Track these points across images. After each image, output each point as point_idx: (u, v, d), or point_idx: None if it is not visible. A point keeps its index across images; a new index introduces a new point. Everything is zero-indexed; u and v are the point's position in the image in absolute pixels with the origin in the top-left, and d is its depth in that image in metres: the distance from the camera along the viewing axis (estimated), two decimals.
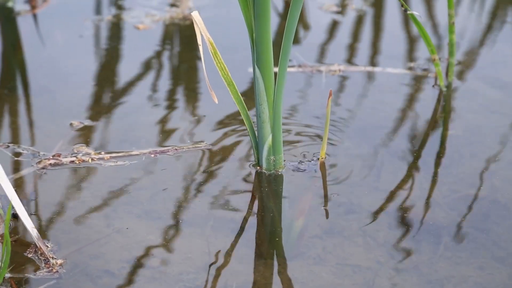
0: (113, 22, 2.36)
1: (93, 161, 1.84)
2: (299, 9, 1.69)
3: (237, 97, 1.76)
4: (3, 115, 1.99)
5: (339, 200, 1.76)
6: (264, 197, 1.77)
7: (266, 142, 1.78)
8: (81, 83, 2.10)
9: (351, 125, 1.98)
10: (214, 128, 1.95)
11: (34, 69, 2.16)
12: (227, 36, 2.30)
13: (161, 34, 2.31)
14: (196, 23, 1.69)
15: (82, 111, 2.00)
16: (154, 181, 1.79)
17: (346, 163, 1.85)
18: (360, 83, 2.13)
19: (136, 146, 1.89)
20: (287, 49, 1.72)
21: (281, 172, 1.82)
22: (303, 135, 1.94)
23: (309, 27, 2.37)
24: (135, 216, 1.71)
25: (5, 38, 2.31)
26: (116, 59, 2.21)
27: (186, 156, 1.87)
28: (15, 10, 2.39)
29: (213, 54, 1.73)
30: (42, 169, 1.81)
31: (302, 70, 2.17)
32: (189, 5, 2.44)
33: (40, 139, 1.90)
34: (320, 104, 2.04)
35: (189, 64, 2.19)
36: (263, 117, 1.76)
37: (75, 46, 2.26)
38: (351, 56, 2.24)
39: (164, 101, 2.05)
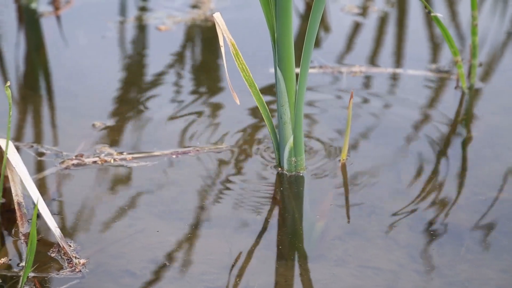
0: (135, 24, 2.37)
1: (115, 161, 1.85)
2: (321, 11, 1.69)
3: (259, 98, 1.76)
4: (27, 115, 2.00)
5: (361, 201, 1.76)
6: (285, 198, 1.77)
7: (288, 143, 1.78)
8: (103, 84, 2.11)
9: (373, 127, 1.98)
10: (235, 129, 1.96)
11: (57, 70, 2.18)
12: (248, 37, 2.30)
13: (182, 35, 2.32)
14: (218, 25, 1.70)
15: (105, 111, 2.00)
16: (176, 182, 1.80)
17: (367, 165, 1.85)
18: (382, 85, 2.13)
19: (158, 146, 1.90)
20: (309, 51, 1.72)
21: (302, 173, 1.82)
22: (324, 137, 1.94)
23: (330, 28, 2.37)
24: (156, 216, 1.71)
25: (28, 39, 2.32)
26: (138, 60, 2.22)
27: (207, 157, 1.87)
28: (39, 12, 2.40)
29: (235, 55, 1.73)
30: (65, 169, 1.82)
31: (323, 71, 2.17)
32: (210, 6, 2.44)
33: (63, 140, 1.91)
34: (340, 105, 2.04)
35: (210, 66, 2.20)
36: (285, 118, 1.76)
37: (98, 47, 2.27)
38: (373, 57, 2.24)
39: (186, 102, 2.05)
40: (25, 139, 1.91)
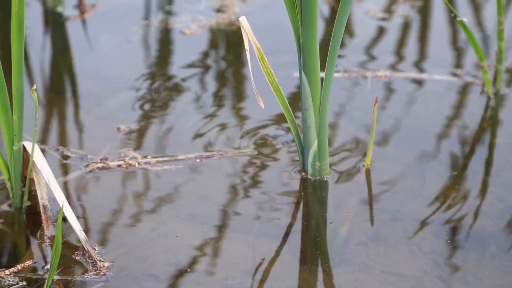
0: (160, 27, 2.38)
1: (139, 165, 1.85)
2: (346, 15, 1.69)
3: (283, 103, 1.76)
4: (52, 118, 2.01)
5: (384, 207, 1.75)
6: (309, 203, 1.77)
7: (312, 148, 1.78)
8: (128, 87, 2.12)
9: (397, 132, 1.97)
10: (259, 134, 1.96)
11: (82, 74, 2.19)
12: (272, 41, 2.30)
13: (207, 39, 2.32)
14: (244, 29, 1.70)
15: (129, 115, 2.01)
16: (199, 186, 1.80)
17: (392, 170, 1.85)
18: (406, 90, 2.12)
19: (182, 150, 1.90)
20: (334, 55, 1.71)
21: (326, 178, 1.81)
22: (349, 141, 1.94)
23: (354, 33, 2.37)
24: (180, 220, 1.72)
25: (54, 42, 2.34)
26: (162, 64, 2.22)
27: (231, 161, 1.87)
28: (64, 15, 2.42)
29: (260, 59, 1.73)
30: (89, 172, 1.83)
31: (348, 76, 2.17)
32: (235, 10, 2.45)
33: (88, 143, 1.92)
34: (365, 110, 2.04)
35: (235, 69, 2.20)
36: (309, 122, 1.76)
37: (123, 50, 2.28)
38: (397, 62, 2.23)
39: (210, 106, 2.05)
40: (50, 142, 1.92)
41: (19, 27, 1.61)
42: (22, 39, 1.61)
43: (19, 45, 1.61)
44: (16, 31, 1.61)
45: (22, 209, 1.72)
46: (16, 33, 1.61)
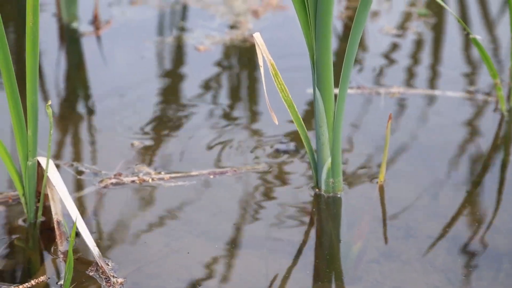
0: (174, 43, 2.39)
1: (153, 181, 1.85)
2: (360, 32, 1.69)
3: (297, 119, 1.76)
4: (67, 133, 2.02)
5: (398, 224, 1.75)
6: (322, 219, 1.77)
7: (325, 164, 1.78)
8: (142, 103, 2.13)
9: (411, 149, 1.97)
10: (273, 150, 1.96)
11: (96, 89, 2.19)
12: (285, 57, 2.31)
13: (221, 55, 2.33)
14: (258, 45, 1.70)
15: (143, 131, 2.02)
16: (213, 202, 1.80)
17: (405, 187, 1.84)
18: (419, 106, 2.12)
19: (195, 166, 1.90)
20: (348, 72, 1.72)
21: (340, 194, 1.81)
22: (362, 158, 1.93)
23: (368, 49, 2.37)
24: (193, 236, 1.72)
25: (69, 58, 2.35)
26: (176, 80, 2.23)
27: (244, 178, 1.87)
28: (79, 31, 2.43)
29: (274, 75, 1.73)
30: (103, 188, 1.83)
31: (361, 92, 2.17)
32: (249, 27, 2.45)
33: (102, 158, 1.92)
34: (379, 126, 2.03)
35: (248, 85, 2.21)
36: (323, 139, 1.76)
37: (137, 66, 2.29)
38: (410, 78, 2.23)
39: (223, 122, 2.06)
40: (65, 157, 1.93)
41: (33, 42, 1.61)
42: (36, 54, 1.62)
43: (33, 60, 1.62)
44: (31, 47, 1.62)
45: (36, 225, 1.72)
46: (30, 48, 1.62)
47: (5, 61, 1.62)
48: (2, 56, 1.61)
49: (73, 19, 2.44)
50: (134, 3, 2.57)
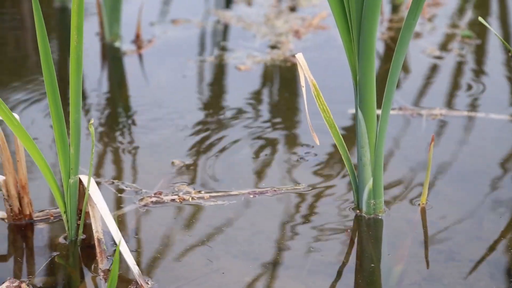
0: (215, 63, 2.40)
1: (193, 200, 1.85)
2: (404, 54, 1.68)
3: (339, 139, 1.75)
4: (108, 151, 2.03)
5: (440, 247, 1.73)
6: (363, 241, 1.75)
7: (367, 186, 1.77)
8: (183, 122, 2.13)
9: (452, 171, 1.95)
10: (313, 170, 1.95)
11: (137, 108, 2.21)
12: (326, 77, 2.31)
13: (261, 75, 2.33)
14: (300, 65, 1.70)
15: (184, 150, 2.02)
16: (252, 222, 1.80)
17: (447, 210, 1.82)
18: (461, 128, 2.10)
19: (235, 185, 1.90)
20: (391, 93, 1.71)
21: (381, 216, 1.80)
22: (403, 179, 1.92)
23: (409, 70, 2.36)
24: (232, 256, 1.71)
25: (111, 76, 2.37)
26: (217, 99, 2.23)
27: (284, 198, 1.87)
28: (122, 50, 2.45)
29: (316, 96, 1.73)
30: (143, 206, 1.84)
31: (403, 113, 2.15)
32: (290, 47, 2.46)
33: (142, 177, 1.93)
34: (420, 148, 2.02)
35: (289, 105, 2.20)
36: (364, 160, 1.75)
37: (178, 85, 2.30)
38: (452, 100, 2.22)
39: (264, 142, 2.06)
40: (106, 175, 1.94)
41: (77, 61, 1.63)
42: (80, 73, 1.63)
43: (77, 79, 1.63)
44: (75, 65, 1.63)
45: (77, 242, 1.73)
46: (74, 67, 1.63)
47: (50, 80, 1.63)
48: (48, 75, 1.63)
49: (116, 38, 2.46)
50: (175, 22, 2.59)
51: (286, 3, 2.69)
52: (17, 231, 1.76)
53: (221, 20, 2.59)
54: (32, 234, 1.75)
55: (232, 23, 2.58)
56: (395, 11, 2.65)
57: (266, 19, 2.59)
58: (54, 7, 2.64)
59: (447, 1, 2.71)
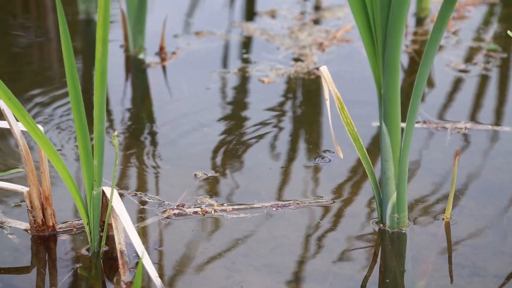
0: (238, 75, 2.40)
1: (216, 212, 1.85)
2: (429, 67, 1.67)
3: (362, 153, 1.75)
4: (131, 163, 2.03)
5: (464, 262, 1.72)
6: (386, 255, 1.74)
7: (391, 200, 1.76)
8: (205, 134, 2.13)
9: (477, 185, 1.93)
10: (337, 183, 1.94)
11: (161, 120, 2.21)
12: (349, 90, 2.30)
13: (285, 87, 2.33)
14: (324, 78, 1.70)
15: (206, 162, 2.02)
16: (274, 235, 1.79)
17: (471, 224, 1.81)
18: (487, 142, 2.08)
19: (257, 198, 1.90)
20: (416, 106, 1.70)
21: (405, 230, 1.78)
22: (428, 193, 1.91)
23: (434, 83, 2.35)
24: (254, 269, 1.71)
25: (135, 88, 2.37)
26: (240, 111, 2.23)
27: (307, 211, 1.86)
28: (146, 62, 2.46)
29: (340, 109, 1.72)
30: (166, 218, 1.84)
31: (427, 126, 2.14)
32: (314, 59, 2.45)
33: (165, 189, 1.93)
34: (444, 162, 2.01)
35: (313, 118, 2.20)
36: (388, 174, 1.74)
37: (201, 97, 2.30)
38: (477, 114, 2.20)
39: (287, 154, 2.05)
40: (129, 186, 1.94)
41: (102, 73, 1.63)
42: (104, 85, 1.64)
43: (101, 90, 1.64)
44: (99, 77, 1.63)
45: (99, 254, 1.73)
46: (99, 79, 1.63)
47: (74, 92, 1.64)
48: (72, 87, 1.63)
49: (140, 50, 2.47)
50: (199, 34, 2.60)
51: (310, 16, 2.69)
52: (40, 242, 1.77)
53: (244, 33, 2.59)
54: (55, 246, 1.76)
55: (256, 35, 2.58)
56: (419, 24, 2.64)
57: (290, 32, 2.58)
58: (79, 19, 2.66)
59: (472, 15, 2.70)
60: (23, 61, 2.48)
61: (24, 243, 1.76)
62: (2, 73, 2.36)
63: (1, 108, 1.71)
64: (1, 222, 1.81)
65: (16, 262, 1.73)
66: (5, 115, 1.72)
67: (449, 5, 1.63)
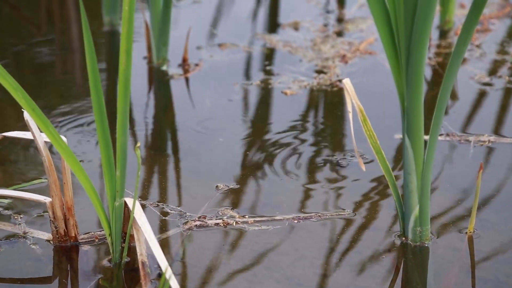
0: (261, 87, 2.40)
1: (237, 224, 1.85)
2: (453, 80, 1.67)
3: (385, 166, 1.74)
4: (153, 174, 2.03)
5: (486, 276, 1.70)
6: (408, 269, 1.73)
7: (413, 213, 1.75)
8: (227, 145, 2.14)
9: (501, 199, 1.92)
10: (359, 196, 1.93)
11: (183, 131, 2.21)
12: (372, 103, 2.29)
13: (307, 99, 2.33)
14: (347, 90, 1.70)
15: (228, 174, 2.02)
16: (296, 247, 1.79)
17: (494, 238, 1.79)
18: (510, 156, 2.07)
19: (279, 210, 1.89)
20: (439, 119, 1.69)
21: (427, 244, 1.77)
22: (450, 207, 1.90)
23: (457, 96, 2.34)
24: (275, 281, 1.70)
25: (157, 100, 2.38)
26: (262, 123, 2.23)
27: (329, 224, 1.85)
28: (169, 74, 2.46)
29: (362, 121, 1.72)
30: (187, 229, 1.84)
31: (450, 139, 2.13)
32: (336, 72, 2.45)
33: (187, 200, 1.93)
34: (468, 175, 1.99)
35: (335, 130, 2.19)
36: (411, 186, 1.73)
37: (224, 109, 2.30)
38: (501, 127, 2.19)
39: (308, 167, 2.05)
40: (151, 197, 1.94)
41: (125, 85, 1.64)
42: (128, 96, 1.64)
43: (124, 102, 1.64)
44: (123, 89, 1.64)
45: (121, 265, 1.73)
46: (122, 90, 1.64)
47: (98, 103, 1.64)
48: (96, 98, 1.64)
49: (163, 62, 2.48)
50: (222, 46, 2.60)
51: (333, 28, 2.69)
52: (62, 253, 1.77)
53: (267, 44, 2.60)
54: (77, 256, 1.76)
55: (279, 47, 2.58)
56: (443, 37, 2.63)
57: (312, 44, 2.58)
58: (104, 31, 2.67)
59: (497, 27, 2.69)
60: (47, 72, 2.50)
61: (46, 254, 1.77)
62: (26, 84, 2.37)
63: (25, 119, 1.72)
64: (24, 232, 1.82)
65: (38, 273, 1.73)
66: (29, 126, 1.73)
67: (473, 18, 1.63)
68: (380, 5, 1.66)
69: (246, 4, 2.84)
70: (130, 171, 1.91)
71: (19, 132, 1.82)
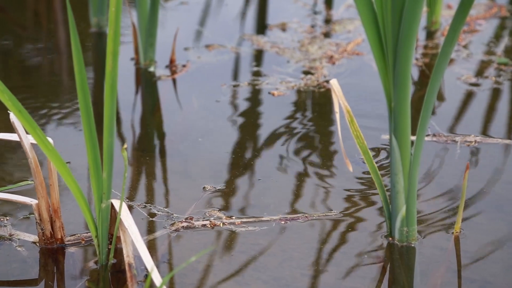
0: (248, 88, 2.40)
1: (224, 225, 1.85)
2: (440, 81, 1.67)
3: (372, 166, 1.74)
4: (140, 176, 2.03)
5: (473, 277, 1.71)
6: (395, 269, 1.73)
7: (400, 213, 1.75)
8: (215, 147, 2.14)
9: (487, 199, 1.93)
10: (345, 197, 1.94)
11: (170, 133, 2.21)
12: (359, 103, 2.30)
13: (295, 100, 2.33)
14: (334, 91, 1.70)
15: (215, 175, 2.02)
16: (283, 248, 1.79)
17: (481, 239, 1.80)
18: (496, 156, 2.08)
19: (266, 211, 1.89)
20: (426, 119, 1.69)
21: (414, 244, 1.78)
22: (437, 207, 1.90)
23: (444, 96, 2.34)
24: (262, 282, 1.70)
25: (145, 101, 2.38)
26: (249, 125, 2.23)
27: (316, 224, 1.85)
28: (156, 75, 2.46)
29: (349, 122, 1.72)
30: (174, 231, 1.84)
31: (437, 140, 2.14)
32: (323, 72, 2.45)
33: (174, 201, 1.93)
34: (454, 176, 2.00)
35: (321, 131, 2.20)
36: (398, 187, 1.73)
37: (211, 110, 2.30)
38: (487, 128, 2.19)
39: (296, 167, 2.05)
40: (138, 198, 1.94)
41: (112, 86, 1.63)
42: (114, 98, 1.64)
43: (111, 103, 1.64)
44: (109, 90, 1.64)
45: (107, 267, 1.73)
46: (109, 91, 1.64)
47: (85, 105, 1.64)
48: (83, 99, 1.64)
49: (150, 63, 2.48)
50: (210, 47, 2.60)
51: (320, 29, 2.69)
52: (48, 255, 1.77)
53: (255, 46, 2.60)
54: (63, 258, 1.76)
55: (266, 48, 2.58)
56: (430, 37, 2.64)
57: (300, 45, 2.59)
58: (91, 32, 2.67)
59: (483, 28, 2.70)
60: (34, 74, 2.49)
61: (32, 256, 1.77)
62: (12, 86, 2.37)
63: (11, 121, 1.72)
64: (10, 234, 1.82)
65: (24, 275, 1.73)
66: (15, 127, 1.72)
67: (460, 19, 1.63)
68: (367, 6, 1.66)
69: (234, 5, 2.84)
70: (117, 172, 1.90)
71: (5, 134, 1.81)
